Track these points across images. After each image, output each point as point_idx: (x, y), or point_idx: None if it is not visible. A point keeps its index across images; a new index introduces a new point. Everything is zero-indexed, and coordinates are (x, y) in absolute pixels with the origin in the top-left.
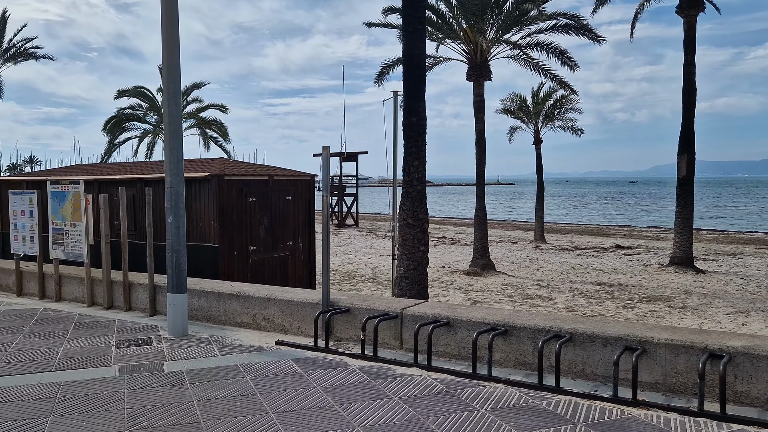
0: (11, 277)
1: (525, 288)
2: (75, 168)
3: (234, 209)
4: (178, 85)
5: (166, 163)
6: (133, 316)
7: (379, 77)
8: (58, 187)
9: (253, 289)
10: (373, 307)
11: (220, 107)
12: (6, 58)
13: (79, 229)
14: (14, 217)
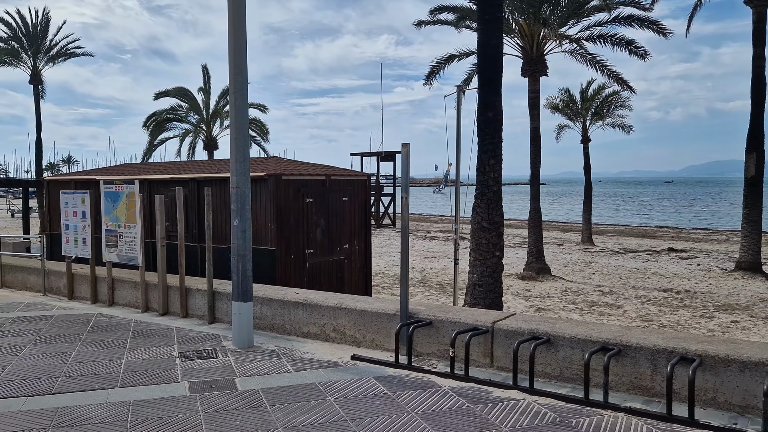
0: (62, 280)
1: (587, 294)
2: (123, 167)
3: (291, 210)
4: (244, 77)
5: (232, 161)
6: (192, 324)
7: (430, 76)
8: (111, 187)
9: (320, 297)
10: (458, 319)
11: (259, 107)
12: (48, 58)
13: (134, 231)
14: (66, 218)
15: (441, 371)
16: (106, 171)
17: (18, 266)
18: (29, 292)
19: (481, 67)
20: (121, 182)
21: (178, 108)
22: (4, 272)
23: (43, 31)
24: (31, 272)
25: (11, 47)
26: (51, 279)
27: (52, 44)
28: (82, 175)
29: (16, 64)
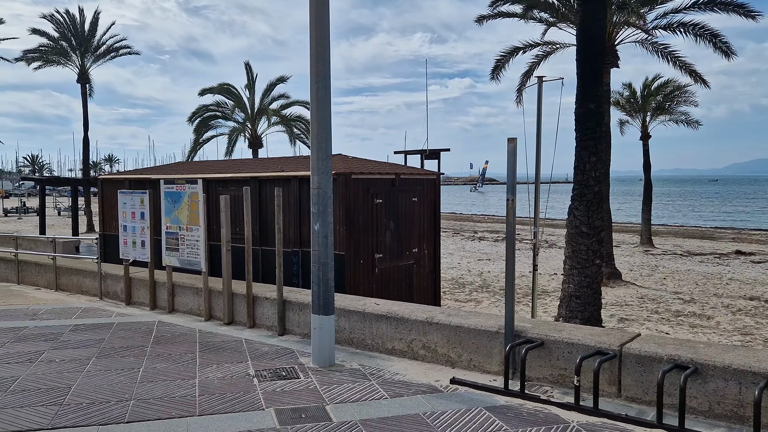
0: (119, 284)
1: (666, 302)
2: (178, 166)
3: (360, 212)
4: (327, 66)
5: (313, 159)
6: (260, 336)
7: (496, 70)
8: (172, 186)
9: (407, 309)
10: (575, 340)
11: (304, 104)
12: (96, 56)
13: (197, 234)
14: (124, 219)
15: (561, 401)
16: (160, 170)
17: (73, 269)
18: (85, 296)
19: (582, 53)
20: (183, 182)
21: (223, 105)
22: (59, 274)
23: (92, 31)
24: (87, 275)
25: (61, 47)
26: (107, 283)
27: (100, 43)
28: (136, 173)
29: (64, 64)
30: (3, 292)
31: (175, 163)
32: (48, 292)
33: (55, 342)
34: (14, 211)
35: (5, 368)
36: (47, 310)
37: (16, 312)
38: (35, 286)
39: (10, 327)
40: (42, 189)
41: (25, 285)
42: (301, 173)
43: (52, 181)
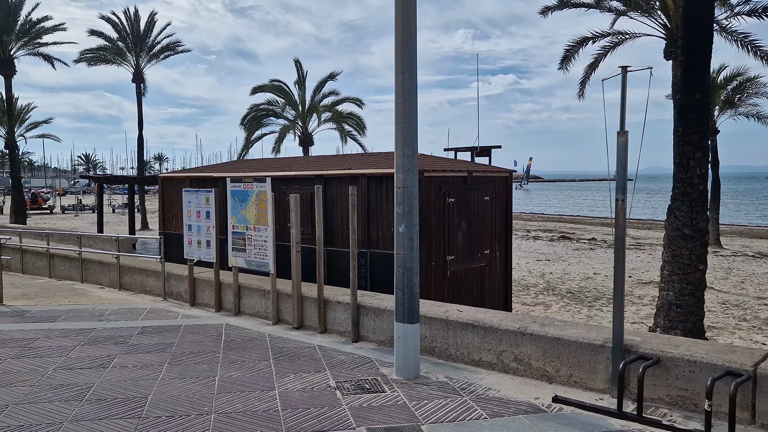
0: (183, 285)
1: (753, 309)
2: (239, 164)
3: (432, 212)
4: (413, 54)
5: (398, 155)
6: (333, 342)
7: (565, 60)
8: (239, 185)
9: (495, 318)
10: (697, 357)
11: (355, 101)
12: (150, 56)
13: (265, 234)
14: (188, 218)
15: (689, 429)
16: (221, 168)
17: (136, 268)
18: (148, 296)
19: (689, 37)
20: (251, 180)
21: (274, 103)
22: (123, 273)
23: (147, 32)
24: (150, 275)
25: (118, 47)
26: (171, 283)
27: (154, 43)
28: (197, 171)
29: (120, 63)
30: (68, 291)
31: (235, 161)
32: (112, 291)
33: (125, 345)
34: (71, 209)
35: (79, 374)
36: (113, 311)
37: (83, 312)
38: (99, 285)
39: (79, 328)
40: (100, 187)
41: (89, 284)
42: (369, 171)
43: (110, 179)
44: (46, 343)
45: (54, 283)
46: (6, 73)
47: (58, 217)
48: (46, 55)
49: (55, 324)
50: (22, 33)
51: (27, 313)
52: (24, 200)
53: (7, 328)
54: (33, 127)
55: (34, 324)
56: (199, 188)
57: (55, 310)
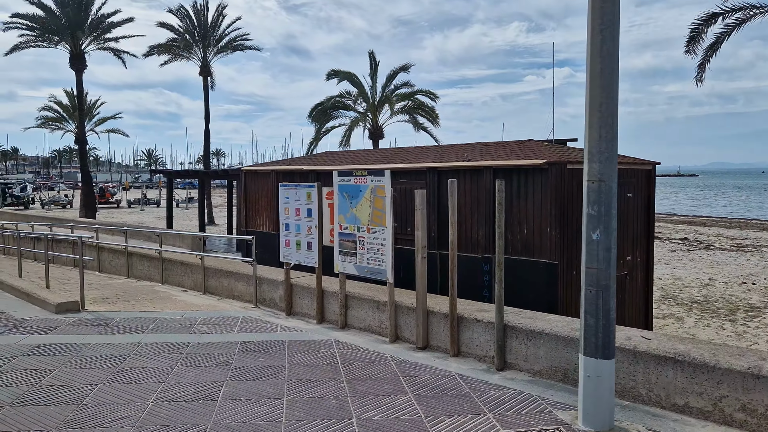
0: (278, 291)
1: None
2: (325, 156)
3: (575, 211)
4: (615, 4)
5: (591, 139)
6: (472, 369)
7: (691, 42)
8: (349, 179)
9: (705, 351)
10: None
11: (428, 93)
12: (218, 49)
13: (381, 236)
14: (286, 216)
15: None
16: (309, 161)
17: (223, 270)
18: (237, 301)
19: None
20: (365, 173)
21: (345, 95)
22: (207, 276)
23: (214, 25)
24: (239, 279)
25: (186, 40)
26: (263, 288)
27: (222, 36)
28: (282, 164)
29: (188, 57)
30: (150, 294)
31: (319, 154)
32: (196, 296)
33: (229, 368)
34: (137, 203)
35: (185, 410)
36: (203, 320)
37: (171, 321)
38: (181, 287)
39: (172, 343)
40: (170, 182)
41: (170, 285)
42: (495, 163)
43: (181, 173)
44: (139, 362)
45: (133, 284)
46: (77, 68)
47: (124, 211)
48: (115, 49)
49: (144, 336)
50: (93, 28)
51: (111, 321)
52: (94, 194)
53: (94, 340)
54: (101, 122)
55: (122, 336)
56: (296, 183)
57: (141, 318)
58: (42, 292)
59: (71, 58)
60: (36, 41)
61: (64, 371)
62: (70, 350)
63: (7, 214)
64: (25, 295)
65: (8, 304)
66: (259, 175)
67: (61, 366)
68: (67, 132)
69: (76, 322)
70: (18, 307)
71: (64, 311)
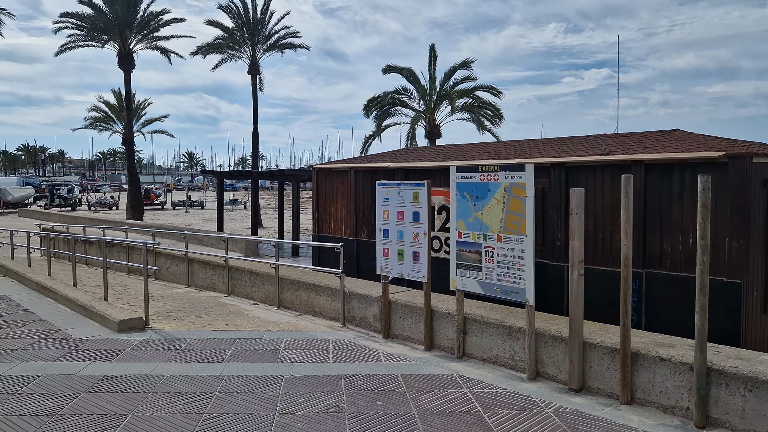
0: (371, 309)
1: None
2: (408, 152)
3: (756, 215)
4: None
5: None
6: (663, 426)
7: None
8: (473, 175)
9: None
10: None
11: (490, 89)
12: (268, 46)
13: (518, 246)
14: (384, 221)
15: None
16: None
17: (301, 282)
18: (320, 319)
19: None
20: (496, 168)
21: (401, 92)
22: (282, 288)
23: (263, 21)
24: (322, 292)
25: (234, 38)
26: (352, 305)
27: (271, 32)
28: (360, 162)
29: (236, 56)
30: (217, 308)
31: (405, 150)
32: (270, 311)
33: (343, 416)
34: (181, 204)
35: None
36: (288, 343)
37: (251, 344)
38: (250, 300)
39: (260, 376)
40: (220, 183)
41: (237, 297)
42: (648, 157)
43: (234, 174)
44: (228, 404)
45: (195, 294)
46: (125, 68)
47: (169, 213)
48: (164, 49)
49: (225, 366)
50: (141, 26)
51: (182, 343)
52: (141, 196)
53: (167, 370)
54: (148, 123)
55: (199, 365)
56: (404, 181)
57: (216, 339)
58: (101, 306)
59: (119, 57)
60: (85, 40)
61: (138, 418)
62: (141, 385)
63: (55, 216)
64: (82, 309)
65: (64, 320)
66: (334, 174)
67: (134, 410)
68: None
69: (142, 344)
70: (75, 323)
71: (127, 329)
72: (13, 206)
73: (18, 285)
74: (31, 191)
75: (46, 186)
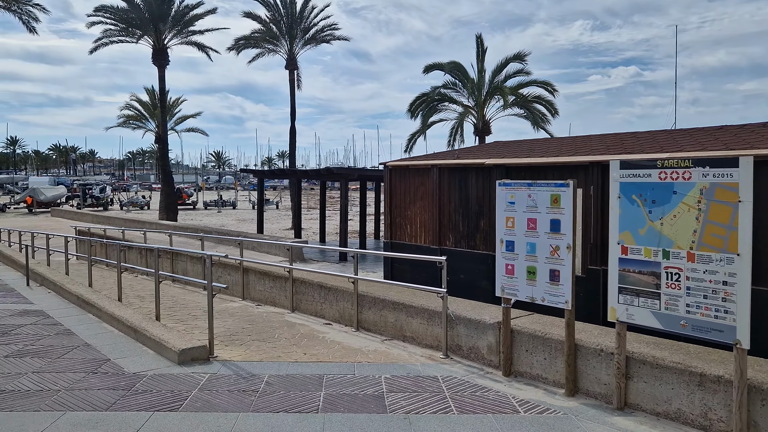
0: (485, 338)
1: None
2: (491, 147)
3: None
4: None
5: None
6: None
7: None
8: (647, 173)
9: None
10: None
11: (544, 84)
12: (306, 40)
13: (724, 269)
14: (507, 230)
15: None
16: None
17: (385, 300)
18: (413, 346)
19: None
20: (688, 163)
21: (449, 86)
22: (361, 305)
23: (302, 13)
24: (415, 314)
25: (272, 31)
26: (457, 331)
27: (310, 25)
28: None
29: (273, 50)
30: (285, 329)
31: (490, 144)
32: (348, 333)
33: None
34: (212, 204)
35: None
36: (389, 381)
37: (343, 384)
38: (320, 319)
39: None
40: (260, 182)
41: (304, 314)
42: None
43: (276, 173)
44: None
45: (254, 310)
46: (159, 63)
47: (202, 213)
48: (199, 43)
49: (326, 422)
50: (176, 20)
51: (259, 382)
52: (175, 196)
53: (251, 426)
54: (181, 121)
55: (290, 416)
56: (537, 181)
57: (299, 375)
58: (154, 328)
59: (153, 53)
60: (119, 35)
61: None
62: None
63: (88, 216)
64: (132, 331)
65: (113, 345)
66: (412, 172)
67: None
68: (148, 131)
69: (210, 383)
70: (126, 350)
71: (189, 360)
72: (46, 206)
73: (56, 297)
74: (64, 191)
75: (78, 185)
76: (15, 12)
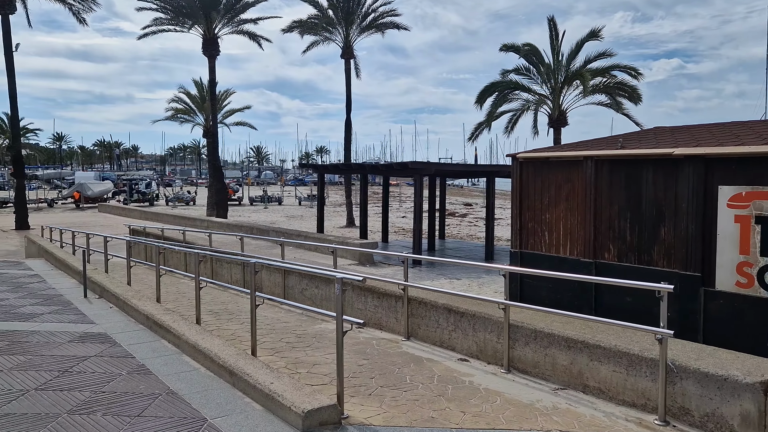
0: (736, 403)
1: None
2: (682, 132)
3: None
4: None
5: None
6: None
7: None
8: None
9: None
10: None
11: (627, 69)
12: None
13: None
14: None
15: None
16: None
17: (546, 333)
18: (602, 401)
19: None
20: None
21: (523, 71)
22: (514, 339)
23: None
24: (606, 358)
25: (328, 17)
26: (682, 388)
27: (369, 11)
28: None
29: (329, 38)
30: (415, 369)
31: (662, 128)
32: (498, 375)
33: None
34: (258, 200)
35: None
36: None
37: None
38: (448, 350)
39: None
40: (321, 178)
41: (423, 343)
42: None
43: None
44: None
45: (359, 335)
46: (210, 54)
47: (249, 209)
48: (251, 33)
49: None
50: (227, 8)
51: None
52: (226, 192)
53: None
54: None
55: None
56: None
57: None
58: (257, 371)
59: (204, 42)
60: (169, 23)
61: None
62: None
63: (135, 212)
64: (225, 372)
65: (204, 394)
66: (554, 166)
67: None
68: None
69: None
70: (223, 403)
71: (317, 426)
72: (93, 201)
73: (119, 314)
74: (110, 186)
75: (125, 181)
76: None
